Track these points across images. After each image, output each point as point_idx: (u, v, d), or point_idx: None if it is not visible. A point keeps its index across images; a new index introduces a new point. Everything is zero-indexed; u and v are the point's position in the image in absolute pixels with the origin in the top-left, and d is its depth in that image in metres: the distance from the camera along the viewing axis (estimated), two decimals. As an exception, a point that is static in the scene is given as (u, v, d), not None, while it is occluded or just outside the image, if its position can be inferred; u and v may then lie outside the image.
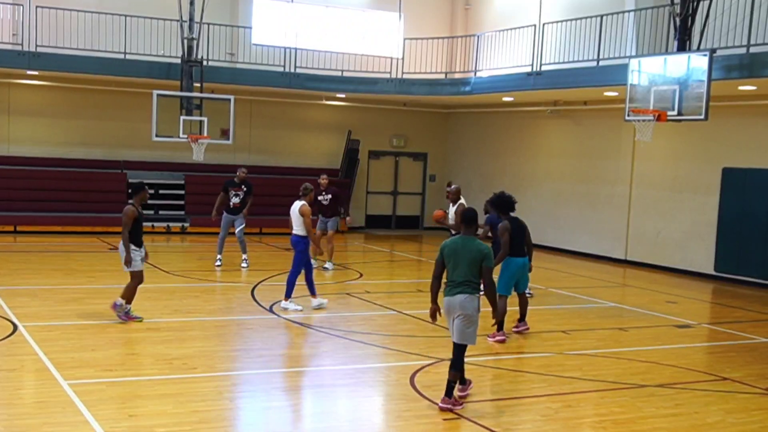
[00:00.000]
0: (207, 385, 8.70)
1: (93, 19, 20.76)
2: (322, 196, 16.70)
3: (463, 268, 8.07)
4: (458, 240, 8.23)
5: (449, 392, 8.06)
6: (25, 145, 22.25)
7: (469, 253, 8.07)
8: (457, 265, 8.11)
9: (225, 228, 16.67)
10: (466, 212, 8.32)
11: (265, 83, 22.21)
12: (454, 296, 8.08)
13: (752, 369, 10.38)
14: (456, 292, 8.07)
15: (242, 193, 16.59)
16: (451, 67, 24.25)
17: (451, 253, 8.17)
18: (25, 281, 14.25)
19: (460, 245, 8.15)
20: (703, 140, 18.29)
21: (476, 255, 8.05)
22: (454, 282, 8.11)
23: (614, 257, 20.46)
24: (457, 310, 8.06)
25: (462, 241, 8.18)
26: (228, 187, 16.66)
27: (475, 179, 25.62)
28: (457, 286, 8.08)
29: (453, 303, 8.08)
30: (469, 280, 8.06)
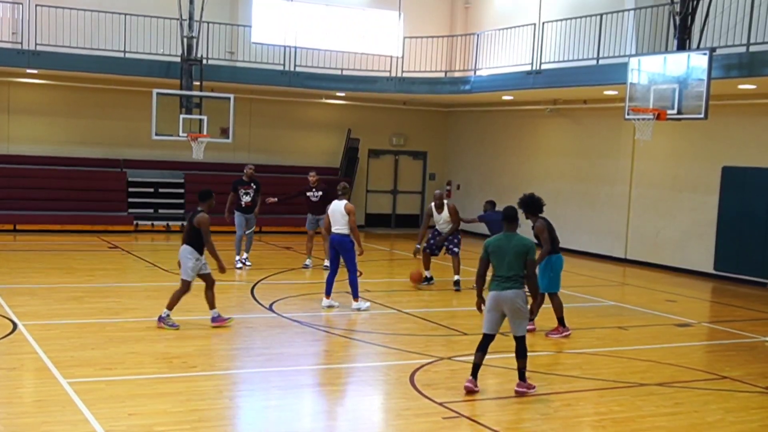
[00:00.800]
0: (206, 383, 8.70)
1: (93, 17, 20.75)
2: (312, 193, 16.53)
3: (509, 264, 8.50)
4: (503, 237, 8.65)
5: (522, 376, 8.70)
6: (24, 144, 22.24)
7: (515, 248, 8.51)
8: (503, 260, 8.53)
9: (241, 227, 16.46)
10: (508, 210, 8.81)
11: (265, 82, 22.21)
12: (503, 291, 8.49)
13: (752, 368, 10.38)
14: (505, 287, 8.49)
15: (252, 191, 16.50)
16: (450, 66, 24.24)
17: (496, 249, 8.60)
18: (24, 280, 14.25)
19: (505, 241, 8.59)
20: (702, 139, 18.29)
21: (522, 249, 8.51)
22: (502, 277, 8.53)
23: (614, 256, 20.45)
24: (508, 303, 8.50)
25: (507, 238, 8.62)
26: (237, 186, 16.53)
27: (474, 178, 25.64)
28: (505, 281, 8.51)
29: (504, 297, 8.49)
30: (517, 274, 8.51)
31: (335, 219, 12.62)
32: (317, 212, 16.42)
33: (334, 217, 12.64)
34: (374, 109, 25.52)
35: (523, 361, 8.73)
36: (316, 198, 16.50)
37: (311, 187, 16.52)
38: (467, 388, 8.62)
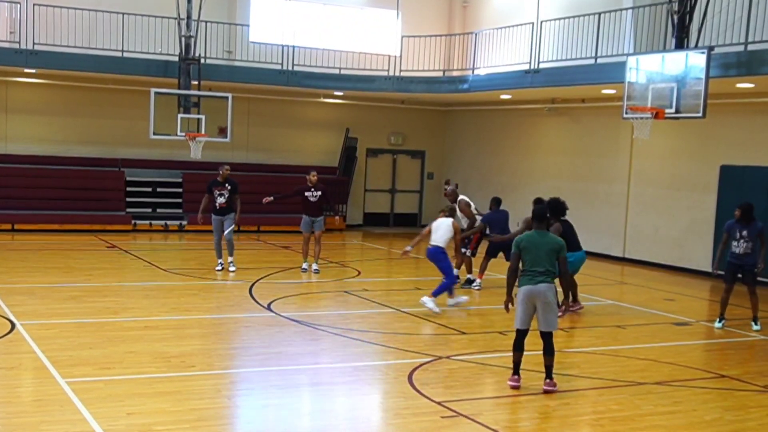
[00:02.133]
0: (205, 383, 8.70)
1: (90, 17, 20.73)
2: (311, 193, 15.98)
3: (542, 260, 8.80)
4: (535, 234, 8.93)
5: (549, 374, 8.88)
6: (22, 143, 22.23)
7: (548, 245, 8.84)
8: (537, 256, 8.82)
9: (218, 231, 15.77)
10: (538, 210, 9.12)
11: (263, 81, 22.20)
12: (536, 285, 8.78)
13: (750, 366, 10.39)
14: (538, 281, 8.77)
15: (227, 192, 15.63)
16: (448, 65, 24.24)
17: (529, 246, 8.88)
18: (23, 279, 14.24)
19: (538, 239, 8.88)
20: (700, 138, 18.30)
21: (554, 246, 8.87)
22: (535, 272, 8.80)
23: (612, 255, 20.46)
24: (540, 297, 8.77)
25: (539, 236, 8.91)
26: (212, 188, 15.70)
27: (473, 177, 25.63)
28: (538, 275, 8.79)
29: (537, 291, 8.78)
30: (549, 270, 8.81)
31: (439, 232, 12.83)
32: (314, 213, 16.04)
33: (438, 231, 12.85)
34: (372, 108, 25.52)
35: (551, 359, 8.89)
36: (314, 198, 16.00)
37: (310, 187, 16.00)
38: (512, 386, 8.84)
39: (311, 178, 16.04)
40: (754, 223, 12.30)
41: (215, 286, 14.41)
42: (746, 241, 12.25)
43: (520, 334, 8.98)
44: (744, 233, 12.25)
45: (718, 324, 12.58)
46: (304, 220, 16.14)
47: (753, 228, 12.25)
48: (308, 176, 16.13)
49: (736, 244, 12.31)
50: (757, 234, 12.22)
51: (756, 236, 12.22)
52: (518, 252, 8.89)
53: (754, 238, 12.22)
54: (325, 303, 13.54)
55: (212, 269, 15.69)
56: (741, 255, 12.30)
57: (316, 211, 16.04)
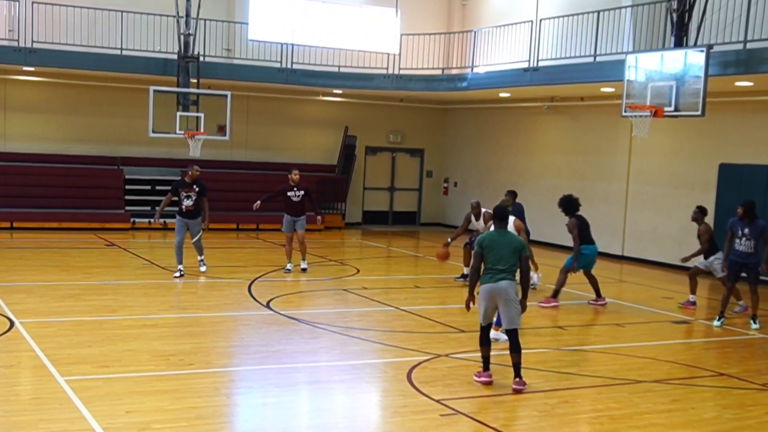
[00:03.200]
0: (204, 381, 8.70)
1: (89, 15, 20.72)
2: (293, 193, 15.41)
3: (505, 258, 8.88)
4: (495, 234, 9.03)
5: (518, 373, 8.85)
6: (21, 141, 22.22)
7: (510, 245, 8.93)
8: (499, 255, 8.90)
9: (181, 233, 14.71)
10: (498, 209, 9.24)
11: (262, 79, 22.20)
12: (498, 282, 8.85)
13: (749, 365, 10.40)
14: (500, 279, 8.85)
15: (194, 195, 14.61)
16: (447, 63, 24.24)
17: (491, 244, 8.95)
18: (21, 278, 14.23)
19: (499, 238, 8.98)
20: (699, 136, 18.31)
21: (517, 245, 8.95)
22: (497, 270, 8.88)
23: (611, 253, 20.46)
24: (502, 294, 8.84)
25: (500, 235, 9.02)
26: (178, 189, 14.73)
27: (472, 175, 25.65)
28: (500, 273, 8.86)
29: (498, 288, 8.85)
30: (510, 267, 8.91)
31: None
32: (296, 213, 15.54)
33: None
34: (371, 106, 25.52)
35: (518, 356, 8.88)
36: (297, 198, 15.45)
37: (293, 186, 15.43)
38: (484, 382, 8.91)
39: (293, 176, 15.50)
40: (757, 221, 12.28)
41: (214, 285, 14.40)
42: (748, 239, 12.23)
43: (484, 330, 9.07)
44: (746, 231, 12.24)
45: (717, 322, 12.59)
46: (286, 219, 15.64)
47: (755, 226, 12.23)
48: (290, 175, 15.58)
49: (739, 242, 12.30)
50: (759, 233, 12.18)
51: (758, 235, 12.18)
52: (481, 251, 8.96)
53: (757, 236, 12.19)
54: (323, 301, 13.54)
55: (210, 266, 15.65)
56: (744, 253, 12.28)
57: (297, 211, 15.54)
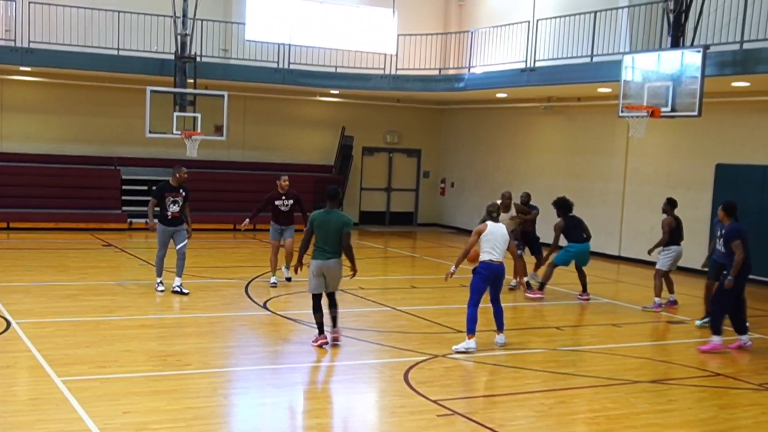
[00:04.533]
0: (201, 381, 8.70)
1: (86, 15, 20.71)
2: (281, 201, 14.21)
3: (331, 237, 9.96)
4: (324, 213, 10.07)
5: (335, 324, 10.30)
6: (18, 141, 22.19)
7: (336, 224, 9.95)
8: (326, 233, 9.97)
9: (166, 245, 13.29)
10: (330, 189, 10.23)
11: (259, 79, 22.20)
12: (327, 260, 10.00)
13: (745, 365, 10.41)
14: (328, 257, 9.99)
15: (182, 200, 13.21)
16: (444, 64, 24.25)
17: (320, 224, 10.01)
18: (18, 278, 14.22)
19: (327, 216, 10.02)
20: (696, 136, 18.33)
21: (339, 225, 9.96)
22: (324, 248, 9.99)
23: (608, 253, 20.48)
24: (330, 270, 10.06)
25: (327, 214, 10.05)
26: (164, 193, 13.12)
27: (469, 175, 25.65)
28: (327, 251, 9.99)
29: (326, 265, 10.01)
30: (335, 245, 9.99)
31: (494, 245, 10.55)
32: (284, 222, 14.41)
33: (493, 240, 10.56)
34: (368, 106, 25.52)
35: (335, 310, 10.33)
36: (285, 207, 14.29)
37: (281, 195, 14.23)
38: (321, 344, 10.07)
39: (282, 183, 14.26)
40: (730, 224, 11.31)
41: (211, 285, 14.39)
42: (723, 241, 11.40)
43: (316, 299, 10.18)
44: (723, 232, 11.41)
45: (699, 322, 12.53)
46: (273, 227, 14.48)
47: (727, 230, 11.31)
48: (279, 181, 14.30)
49: (718, 243, 11.59)
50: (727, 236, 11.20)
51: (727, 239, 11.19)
52: (311, 229, 10.02)
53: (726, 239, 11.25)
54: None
55: (208, 267, 15.65)
56: (722, 254, 11.46)
57: (286, 220, 14.43)
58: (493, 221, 10.73)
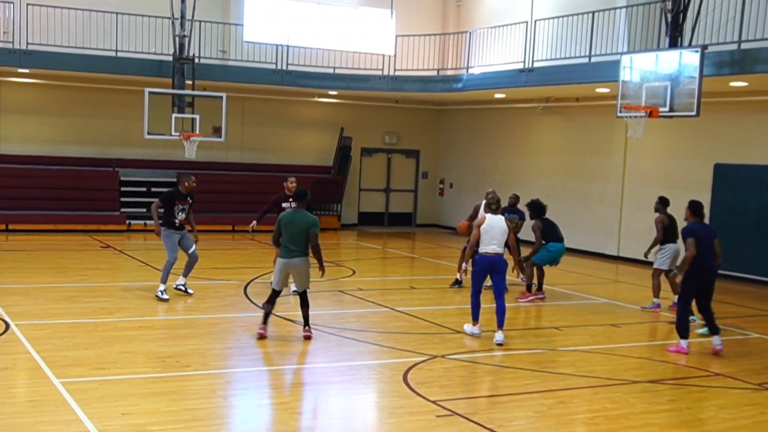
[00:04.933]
0: (200, 383, 8.69)
1: (84, 16, 20.71)
2: (288, 204, 13.20)
3: (297, 236, 10.21)
4: (292, 213, 10.37)
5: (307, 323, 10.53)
6: (16, 143, 22.19)
7: (302, 224, 10.21)
8: (293, 233, 10.23)
9: (176, 251, 13.02)
10: (298, 191, 10.57)
11: (257, 80, 22.20)
12: (291, 258, 10.26)
13: (744, 364, 10.41)
14: (294, 255, 10.26)
15: (188, 207, 13.14)
16: (443, 64, 24.26)
17: (287, 224, 10.29)
18: (17, 280, 14.21)
19: (295, 217, 10.29)
20: (694, 136, 18.34)
21: (305, 226, 10.20)
22: (290, 248, 10.25)
23: (607, 253, 20.49)
24: (294, 268, 10.32)
25: (295, 214, 10.33)
26: (174, 200, 12.95)
27: (467, 176, 25.66)
28: (293, 250, 10.25)
29: (291, 264, 10.30)
30: (303, 245, 10.23)
31: (492, 236, 10.73)
32: None
33: (491, 233, 10.74)
34: (367, 107, 25.53)
35: (306, 310, 10.50)
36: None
37: (288, 197, 13.38)
38: (259, 335, 10.40)
39: (289, 185, 13.54)
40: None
41: (210, 286, 14.39)
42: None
43: (274, 293, 10.51)
44: None
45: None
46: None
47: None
48: (286, 183, 13.64)
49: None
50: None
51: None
52: (279, 228, 10.30)
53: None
54: (320, 302, 13.51)
55: (207, 268, 15.63)
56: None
57: None
58: (492, 213, 10.99)
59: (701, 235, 10.63)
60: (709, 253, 10.67)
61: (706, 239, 10.69)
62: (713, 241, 10.80)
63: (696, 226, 10.80)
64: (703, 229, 10.81)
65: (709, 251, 10.69)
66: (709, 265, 10.67)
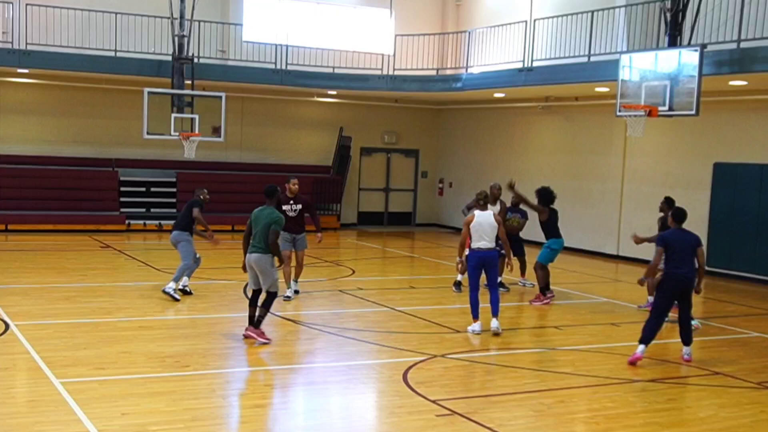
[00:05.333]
0: (199, 382, 8.69)
1: (83, 16, 20.70)
2: (289, 206, 12.91)
3: (259, 233, 10.15)
4: (259, 210, 10.28)
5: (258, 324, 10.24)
6: (15, 143, 22.18)
7: (265, 219, 10.13)
8: (257, 230, 10.19)
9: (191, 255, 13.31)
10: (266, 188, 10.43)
11: (257, 80, 22.19)
12: (251, 254, 10.23)
13: (744, 363, 10.41)
14: (253, 251, 10.21)
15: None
16: (442, 64, 24.26)
17: (254, 220, 10.26)
18: (16, 280, 14.21)
19: (260, 214, 10.24)
20: (694, 135, 18.34)
21: (269, 220, 10.12)
22: (253, 244, 10.21)
23: (606, 253, 20.50)
24: (255, 264, 10.18)
25: (262, 211, 10.26)
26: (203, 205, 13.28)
27: (466, 175, 25.65)
28: (254, 247, 10.21)
29: (251, 259, 10.22)
30: (261, 241, 10.13)
31: (483, 232, 11.11)
32: (294, 230, 12.95)
33: (481, 230, 11.10)
34: (366, 107, 25.53)
35: (264, 311, 10.25)
36: (294, 212, 12.94)
37: (289, 199, 12.99)
38: (247, 335, 10.26)
39: (291, 186, 13.06)
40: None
41: (209, 286, 14.39)
42: None
43: (253, 294, 10.44)
44: None
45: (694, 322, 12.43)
46: (282, 236, 12.39)
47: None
48: (287, 184, 13.07)
49: None
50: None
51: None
52: (250, 224, 10.27)
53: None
54: (319, 302, 13.53)
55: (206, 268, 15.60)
56: None
57: (295, 228, 12.98)
58: (480, 209, 11.27)
59: (675, 244, 10.09)
60: (684, 261, 10.06)
61: (682, 247, 10.10)
62: (694, 249, 10.14)
63: (671, 235, 10.26)
64: (681, 237, 10.19)
65: (685, 259, 10.07)
66: (681, 272, 10.06)
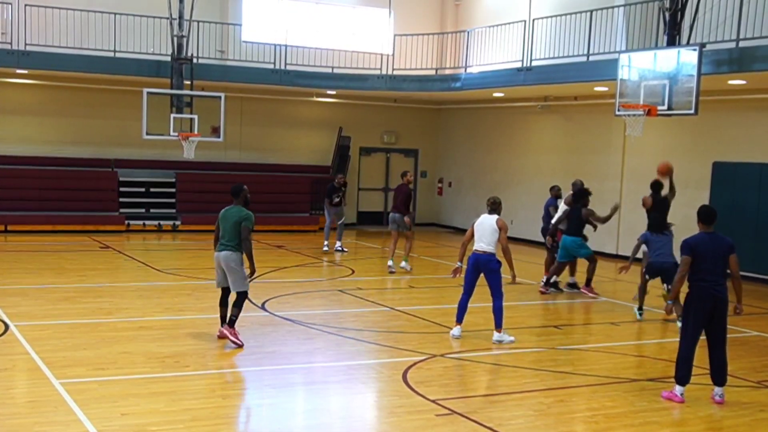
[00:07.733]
0: (199, 383, 8.69)
1: (82, 17, 20.69)
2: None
3: (228, 231, 10.12)
4: (227, 209, 10.28)
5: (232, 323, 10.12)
6: (15, 144, 22.17)
7: (233, 218, 10.11)
8: (225, 228, 10.17)
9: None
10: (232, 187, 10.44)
11: (256, 80, 22.19)
12: (220, 252, 10.15)
13: (744, 362, 10.41)
14: (222, 249, 10.15)
15: None
16: (441, 63, 24.26)
17: (222, 218, 10.25)
18: (16, 281, 14.21)
19: (227, 213, 10.23)
20: (693, 135, 18.34)
21: (237, 219, 10.09)
22: (221, 242, 10.15)
23: (606, 252, 20.49)
24: (223, 262, 10.13)
25: (229, 210, 10.26)
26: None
27: (466, 175, 25.65)
28: (224, 244, 10.13)
29: (219, 257, 10.18)
30: (231, 239, 10.08)
31: (482, 234, 10.96)
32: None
33: (481, 231, 11.00)
34: (365, 106, 25.53)
35: (237, 311, 10.15)
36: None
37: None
38: (221, 334, 10.21)
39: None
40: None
41: (209, 286, 14.35)
42: None
43: (223, 292, 10.39)
44: None
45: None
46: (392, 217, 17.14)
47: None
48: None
49: None
50: None
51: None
52: (218, 224, 10.26)
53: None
54: (319, 302, 13.53)
55: (206, 268, 15.61)
56: None
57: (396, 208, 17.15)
58: (486, 213, 11.22)
59: (702, 251, 8.49)
60: (713, 271, 8.47)
61: (712, 255, 8.51)
62: (726, 257, 8.60)
63: (697, 240, 8.58)
64: (711, 242, 8.57)
65: (715, 268, 8.48)
66: (710, 284, 8.44)
